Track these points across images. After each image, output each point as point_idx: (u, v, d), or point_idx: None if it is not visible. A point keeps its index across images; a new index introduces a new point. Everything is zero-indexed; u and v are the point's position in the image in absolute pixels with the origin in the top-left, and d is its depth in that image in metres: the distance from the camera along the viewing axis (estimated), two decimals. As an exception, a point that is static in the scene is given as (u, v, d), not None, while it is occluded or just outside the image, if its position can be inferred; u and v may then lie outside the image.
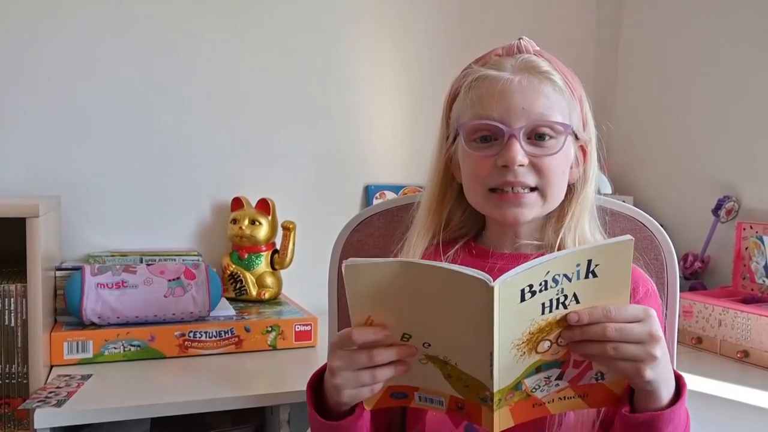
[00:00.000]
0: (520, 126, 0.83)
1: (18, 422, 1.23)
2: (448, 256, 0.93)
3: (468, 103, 0.87)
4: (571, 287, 0.68)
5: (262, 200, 1.73)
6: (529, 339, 0.69)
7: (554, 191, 0.87)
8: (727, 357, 1.47)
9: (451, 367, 0.72)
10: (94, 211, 1.69)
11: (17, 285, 1.22)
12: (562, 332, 0.70)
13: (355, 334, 0.73)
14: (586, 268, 0.68)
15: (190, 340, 1.40)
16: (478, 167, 0.87)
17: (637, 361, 0.70)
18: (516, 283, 0.65)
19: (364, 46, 1.91)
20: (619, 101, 2.11)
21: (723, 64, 1.80)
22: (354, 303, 0.72)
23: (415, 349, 0.73)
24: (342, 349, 0.75)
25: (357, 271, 0.70)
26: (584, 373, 0.74)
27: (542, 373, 0.73)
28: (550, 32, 2.03)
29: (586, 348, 0.71)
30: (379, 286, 0.70)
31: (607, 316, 0.69)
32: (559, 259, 0.67)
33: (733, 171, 1.77)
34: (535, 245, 0.91)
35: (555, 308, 0.69)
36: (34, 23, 1.63)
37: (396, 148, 1.95)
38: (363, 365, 0.73)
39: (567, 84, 0.88)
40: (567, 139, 0.86)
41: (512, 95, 0.84)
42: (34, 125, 1.64)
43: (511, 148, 0.83)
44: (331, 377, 0.76)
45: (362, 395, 0.75)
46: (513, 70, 0.86)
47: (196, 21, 1.75)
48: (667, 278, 1.03)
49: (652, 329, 0.70)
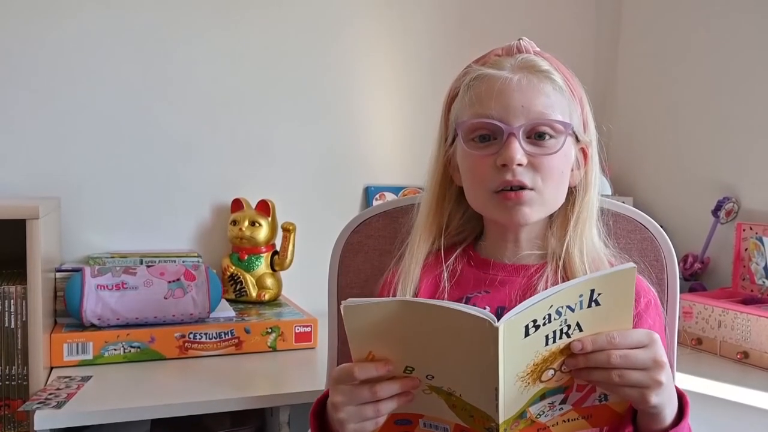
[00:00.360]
0: (519, 125, 0.82)
1: (18, 424, 1.23)
2: (447, 265, 0.91)
3: (467, 102, 0.86)
4: (574, 317, 0.68)
5: (261, 201, 1.73)
6: (534, 370, 0.69)
7: (552, 192, 0.86)
8: (727, 358, 1.47)
9: (455, 398, 0.72)
10: (94, 212, 1.69)
11: (17, 286, 1.22)
12: (566, 360, 0.70)
13: (357, 371, 0.71)
14: (589, 297, 0.67)
15: (190, 341, 1.40)
16: (477, 167, 0.85)
17: (642, 387, 0.70)
18: (520, 321, 0.65)
19: (364, 46, 1.91)
20: (618, 102, 2.11)
21: (723, 64, 1.80)
22: (354, 340, 0.71)
23: (419, 381, 0.72)
24: (343, 384, 0.73)
25: (355, 312, 0.69)
26: (588, 396, 0.74)
27: (546, 400, 0.72)
28: (549, 33, 2.04)
29: (590, 375, 0.70)
30: (378, 324, 0.69)
31: (611, 342, 0.69)
32: (563, 292, 0.66)
33: (732, 172, 1.77)
34: (537, 255, 0.89)
35: (558, 338, 0.68)
36: (34, 24, 1.62)
37: (396, 150, 1.95)
38: (366, 400, 0.72)
39: (567, 84, 0.87)
40: (567, 138, 0.84)
41: (511, 93, 0.82)
42: (34, 127, 1.64)
43: (510, 146, 0.82)
44: (334, 412, 0.75)
45: (366, 429, 0.74)
46: (512, 69, 0.85)
47: (196, 22, 1.75)
48: (667, 279, 1.02)
49: (656, 355, 0.70)
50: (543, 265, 0.88)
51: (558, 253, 0.87)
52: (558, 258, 0.87)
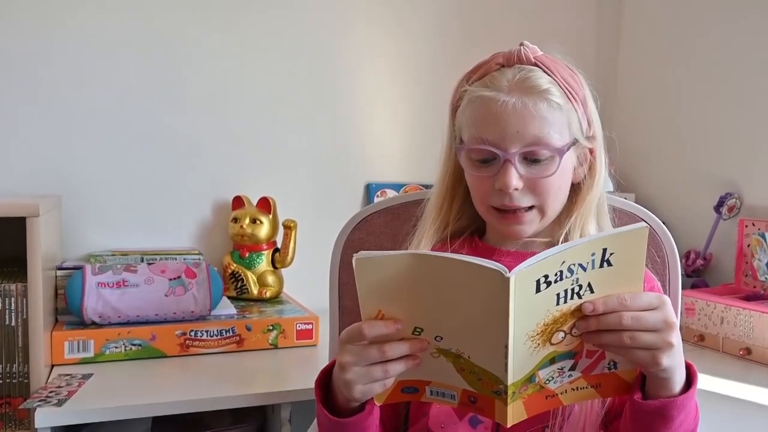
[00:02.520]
0: (514, 150, 0.84)
1: (19, 422, 1.23)
2: (453, 249, 0.93)
3: (466, 121, 0.89)
4: (585, 277, 0.68)
5: (263, 199, 1.72)
6: (544, 330, 0.69)
7: (551, 206, 0.89)
8: (730, 354, 1.47)
9: (464, 361, 0.72)
10: (95, 210, 1.69)
11: (18, 284, 1.22)
12: (577, 322, 0.70)
13: (366, 328, 0.71)
14: (601, 257, 0.67)
15: (191, 339, 1.40)
16: (478, 188, 0.90)
17: (653, 349, 0.70)
18: (531, 274, 0.65)
19: (365, 45, 1.90)
20: (620, 98, 2.11)
21: (725, 60, 1.79)
22: (364, 297, 0.71)
23: (427, 343, 0.72)
24: (352, 344, 0.74)
25: (367, 265, 0.69)
26: (597, 363, 0.74)
27: (556, 365, 0.72)
28: (550, 30, 2.04)
29: (601, 338, 0.70)
30: (389, 279, 0.69)
31: (622, 304, 0.69)
32: (575, 249, 0.66)
33: (735, 168, 1.76)
34: (542, 242, 0.92)
35: (570, 298, 0.68)
36: (36, 23, 1.62)
37: (397, 147, 1.95)
38: (374, 360, 0.72)
39: (566, 92, 0.87)
40: (562, 159, 0.86)
41: (507, 119, 0.84)
42: (35, 125, 1.64)
43: (506, 173, 0.85)
44: (341, 373, 0.75)
45: (374, 391, 0.75)
46: (509, 88, 0.85)
47: (198, 22, 1.75)
48: (669, 276, 1.02)
49: (667, 316, 0.70)
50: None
51: (559, 239, 0.89)
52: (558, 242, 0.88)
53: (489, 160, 0.87)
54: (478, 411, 0.76)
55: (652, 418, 0.74)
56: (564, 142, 0.86)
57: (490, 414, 0.74)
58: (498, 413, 0.73)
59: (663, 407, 0.73)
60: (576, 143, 0.88)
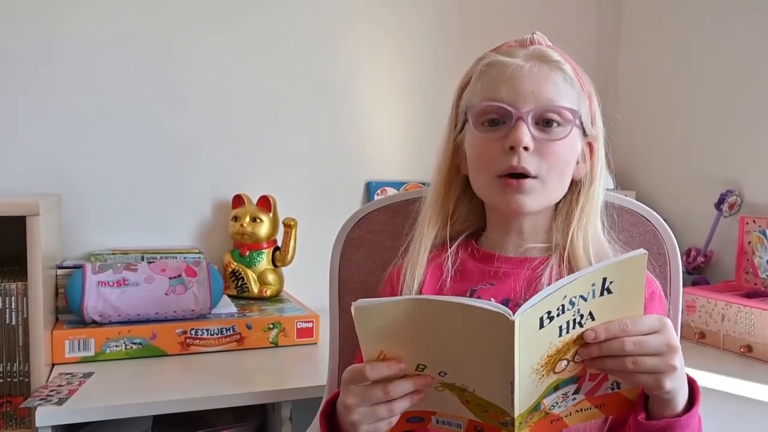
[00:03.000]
0: (528, 109, 0.84)
1: (20, 421, 1.23)
2: (451, 252, 0.91)
3: (478, 87, 0.88)
4: (586, 306, 0.68)
5: (263, 197, 1.72)
6: (548, 362, 0.68)
7: (555, 180, 0.86)
8: (731, 352, 1.46)
9: (469, 394, 0.71)
10: (96, 209, 1.69)
11: (18, 283, 1.22)
12: (579, 350, 0.69)
13: (369, 371, 0.70)
14: (602, 286, 0.67)
15: (192, 337, 1.40)
16: (485, 150, 0.86)
17: (656, 373, 0.69)
18: (535, 313, 0.64)
19: (365, 43, 1.90)
20: (620, 96, 2.10)
21: (725, 58, 1.79)
22: (365, 341, 0.70)
23: (431, 379, 0.71)
24: (355, 385, 0.73)
25: (366, 312, 0.68)
26: (600, 385, 0.73)
27: (560, 391, 0.72)
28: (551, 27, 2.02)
29: (604, 364, 0.70)
30: (389, 323, 0.68)
31: (623, 330, 0.68)
32: (576, 282, 0.66)
33: (735, 165, 1.76)
34: (541, 248, 0.90)
35: (572, 328, 0.68)
36: (35, 22, 1.62)
37: (397, 145, 1.95)
38: (379, 400, 0.71)
39: (577, 77, 0.88)
40: (574, 128, 0.86)
41: (522, 79, 0.84)
42: (35, 124, 1.64)
43: (518, 129, 0.83)
44: (346, 413, 0.74)
45: (380, 429, 0.74)
46: (525, 57, 0.86)
47: (197, 21, 1.75)
48: (670, 273, 1.02)
49: (669, 339, 0.70)
50: (547, 257, 0.89)
51: (562, 245, 0.88)
52: (562, 250, 0.87)
53: (498, 122, 0.86)
54: None
55: None
56: (575, 115, 0.86)
57: None
58: None
59: (667, 427, 0.73)
60: (583, 128, 0.88)
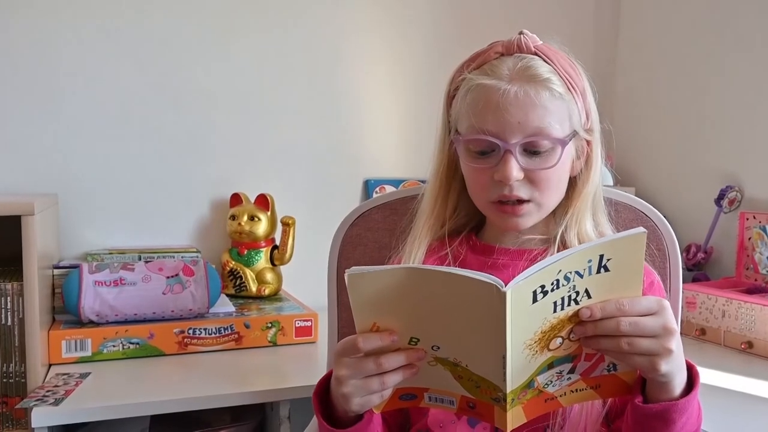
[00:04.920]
0: (515, 141, 0.82)
1: (16, 421, 1.22)
2: (452, 248, 0.91)
3: (464, 110, 0.86)
4: (582, 283, 0.67)
5: (261, 196, 1.72)
6: (541, 338, 0.68)
7: (549, 199, 0.87)
8: (731, 348, 1.46)
9: (461, 369, 0.71)
10: (92, 209, 1.68)
11: (13, 283, 1.21)
12: (574, 328, 0.69)
13: (361, 342, 0.70)
14: (598, 263, 0.66)
15: (190, 337, 1.39)
16: (476, 180, 0.87)
17: (652, 355, 0.69)
18: (527, 286, 0.64)
19: (362, 40, 1.89)
20: (619, 90, 2.10)
21: (725, 51, 1.78)
22: (358, 311, 0.70)
23: (424, 353, 0.71)
24: (347, 357, 0.72)
25: (360, 280, 0.67)
26: (596, 366, 0.73)
27: (554, 369, 0.71)
28: (547, 21, 2.02)
29: (599, 343, 0.69)
30: (383, 293, 0.68)
31: (620, 309, 0.68)
32: (571, 257, 0.65)
33: (735, 160, 1.75)
34: (540, 239, 0.91)
35: (567, 305, 0.67)
36: (33, 23, 1.61)
37: (396, 142, 1.94)
38: (371, 372, 0.71)
39: (566, 82, 0.85)
40: (564, 150, 0.85)
41: (507, 109, 0.82)
42: (31, 124, 1.63)
43: (506, 164, 0.82)
44: (338, 386, 0.74)
45: (372, 402, 0.73)
46: (510, 76, 0.83)
47: (196, 22, 1.74)
48: (670, 269, 1.01)
49: (666, 322, 0.69)
50: (546, 248, 0.90)
51: (560, 237, 0.88)
52: (561, 241, 0.88)
53: (488, 151, 0.85)
54: (478, 416, 0.75)
55: (654, 422, 0.73)
56: (565, 133, 0.85)
57: (489, 419, 0.74)
58: (497, 419, 0.72)
59: (664, 411, 0.72)
60: (576, 135, 0.87)
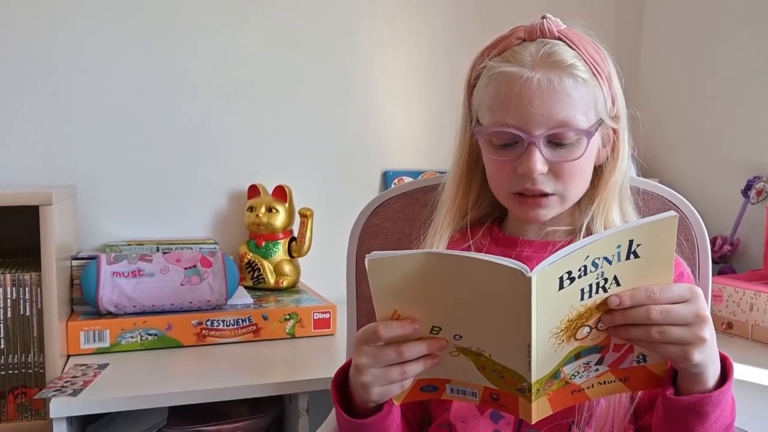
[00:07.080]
0: (539, 133, 0.79)
1: (34, 412, 1.22)
2: (475, 240, 0.89)
3: (486, 102, 0.83)
4: (611, 270, 0.64)
5: (278, 187, 1.70)
6: (568, 326, 0.65)
7: (573, 191, 0.85)
8: (760, 342, 1.42)
9: (484, 359, 0.69)
10: (111, 200, 1.68)
11: (32, 274, 1.21)
12: (602, 316, 0.66)
13: (382, 330, 0.68)
14: (628, 248, 0.64)
15: (208, 328, 1.38)
16: (498, 172, 0.85)
17: (684, 344, 0.66)
18: (554, 272, 0.61)
19: (381, 31, 1.87)
20: (643, 81, 2.06)
21: (749, 39, 1.74)
22: (378, 297, 0.68)
23: (446, 342, 0.69)
24: (368, 345, 0.70)
25: (380, 265, 0.65)
26: (625, 357, 0.70)
27: (581, 360, 0.69)
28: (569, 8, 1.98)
29: (629, 332, 0.66)
30: (404, 279, 0.66)
31: (650, 297, 0.65)
32: (600, 242, 0.62)
33: (763, 150, 1.71)
34: (564, 230, 0.88)
35: (594, 293, 0.65)
36: (48, 14, 1.61)
37: (414, 133, 1.92)
38: (391, 361, 0.69)
39: (592, 68, 0.82)
40: (590, 141, 0.81)
41: (531, 100, 0.78)
42: (50, 116, 1.63)
43: (530, 157, 0.79)
44: (357, 375, 0.72)
45: (392, 392, 0.72)
46: (533, 63, 0.80)
47: (211, 11, 1.72)
48: (699, 259, 0.99)
49: (699, 309, 0.66)
50: (570, 240, 0.86)
51: (586, 228, 0.85)
52: (586, 232, 0.85)
53: (510, 143, 0.82)
54: (501, 408, 0.73)
55: (686, 415, 0.70)
56: (590, 122, 0.81)
57: (513, 411, 0.71)
58: (522, 410, 0.70)
59: (697, 403, 0.69)
60: (602, 123, 0.83)
